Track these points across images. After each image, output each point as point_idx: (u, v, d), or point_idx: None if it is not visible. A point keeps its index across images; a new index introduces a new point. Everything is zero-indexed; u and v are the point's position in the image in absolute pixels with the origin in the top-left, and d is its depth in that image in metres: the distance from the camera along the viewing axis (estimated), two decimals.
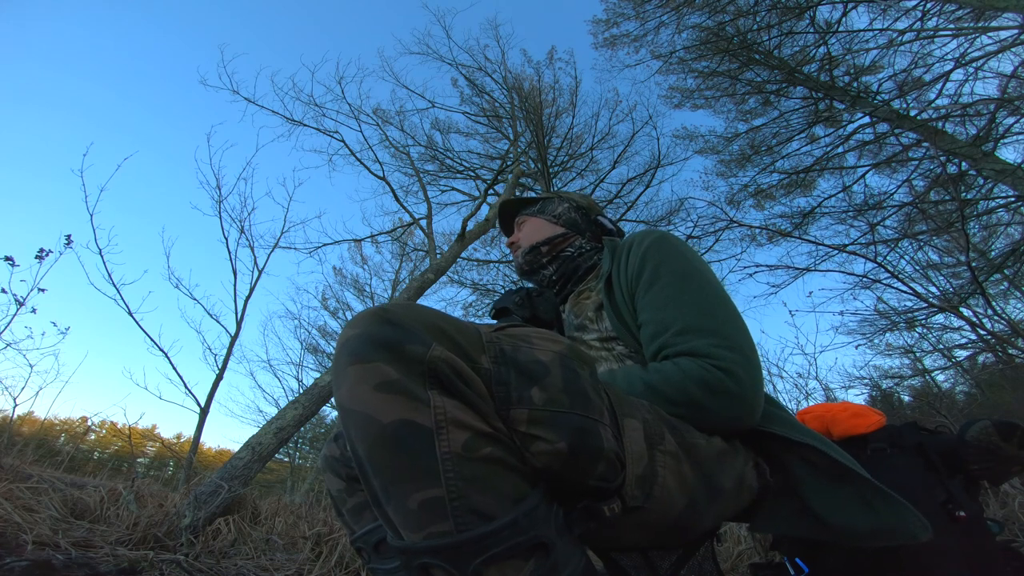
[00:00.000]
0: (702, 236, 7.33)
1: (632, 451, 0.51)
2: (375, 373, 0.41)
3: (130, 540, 1.89)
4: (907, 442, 1.04)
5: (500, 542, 0.39)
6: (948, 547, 0.88)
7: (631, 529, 0.58)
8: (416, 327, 0.42)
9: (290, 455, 11.95)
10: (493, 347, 0.45)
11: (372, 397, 0.40)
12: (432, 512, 0.40)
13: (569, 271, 1.07)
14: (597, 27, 8.62)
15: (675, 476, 0.57)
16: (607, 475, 0.47)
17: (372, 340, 0.41)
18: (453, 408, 0.41)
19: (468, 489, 0.40)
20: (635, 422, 0.54)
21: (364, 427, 0.41)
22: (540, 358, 0.46)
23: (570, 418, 0.44)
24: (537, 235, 1.13)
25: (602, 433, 0.46)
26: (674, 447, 0.58)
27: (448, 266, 5.78)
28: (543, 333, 0.50)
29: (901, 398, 6.22)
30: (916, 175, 6.13)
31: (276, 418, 3.18)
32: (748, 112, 7.82)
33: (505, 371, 0.44)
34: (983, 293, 4.06)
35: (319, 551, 2.00)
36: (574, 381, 0.46)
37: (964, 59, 5.40)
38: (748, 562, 1.89)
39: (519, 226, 1.19)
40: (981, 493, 1.06)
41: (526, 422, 0.43)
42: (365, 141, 7.33)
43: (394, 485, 0.41)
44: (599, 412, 0.47)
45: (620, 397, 0.55)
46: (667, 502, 0.56)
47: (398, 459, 0.40)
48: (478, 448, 0.41)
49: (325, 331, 11.74)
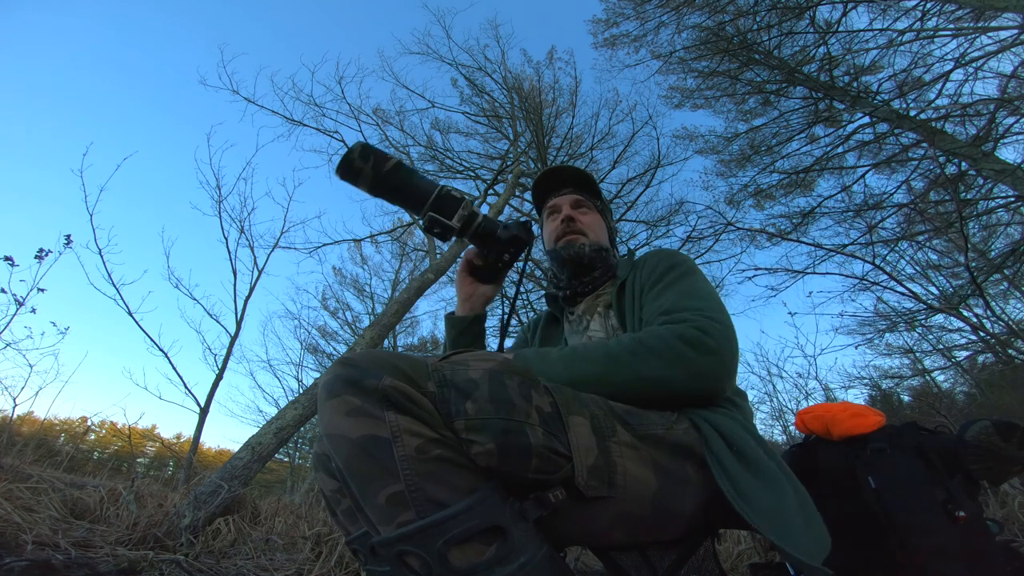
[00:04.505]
0: (701, 237, 7.34)
1: (578, 445, 0.58)
2: (344, 403, 0.52)
3: (130, 540, 1.89)
4: (907, 442, 1.04)
5: (458, 524, 0.48)
6: (947, 547, 0.88)
7: (613, 522, 0.62)
8: (371, 367, 0.53)
9: (290, 455, 11.96)
10: (437, 374, 0.55)
11: (343, 421, 0.51)
12: (397, 505, 0.49)
13: (601, 282, 1.11)
14: (597, 27, 8.63)
15: (636, 463, 0.62)
16: (544, 468, 0.54)
17: (339, 380, 0.53)
18: (405, 422, 0.51)
19: (423, 483, 0.49)
20: (580, 419, 0.60)
21: (340, 444, 0.52)
22: (472, 376, 0.55)
23: (495, 422, 0.52)
24: (603, 237, 1.15)
25: (528, 432, 0.54)
26: (629, 438, 0.64)
27: (448, 266, 5.79)
28: (480, 355, 0.60)
29: (901, 398, 6.23)
30: (916, 175, 6.13)
31: (276, 418, 3.18)
32: (748, 112, 7.83)
33: (446, 391, 0.54)
34: (982, 294, 4.07)
35: (319, 551, 1.99)
36: (500, 392, 0.55)
37: (964, 59, 5.41)
38: (748, 562, 1.89)
39: (579, 208, 1.16)
40: (981, 493, 1.07)
41: (464, 430, 0.52)
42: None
43: (367, 486, 0.51)
44: (525, 414, 0.55)
45: (567, 398, 0.62)
46: (636, 488, 0.61)
47: (367, 464, 0.50)
48: (429, 450, 0.50)
49: (325, 331, 11.76)
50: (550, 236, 1.15)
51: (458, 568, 0.48)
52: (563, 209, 1.14)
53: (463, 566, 0.48)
